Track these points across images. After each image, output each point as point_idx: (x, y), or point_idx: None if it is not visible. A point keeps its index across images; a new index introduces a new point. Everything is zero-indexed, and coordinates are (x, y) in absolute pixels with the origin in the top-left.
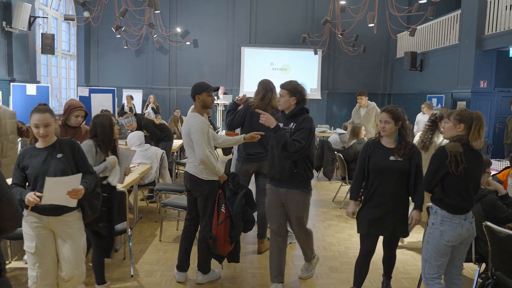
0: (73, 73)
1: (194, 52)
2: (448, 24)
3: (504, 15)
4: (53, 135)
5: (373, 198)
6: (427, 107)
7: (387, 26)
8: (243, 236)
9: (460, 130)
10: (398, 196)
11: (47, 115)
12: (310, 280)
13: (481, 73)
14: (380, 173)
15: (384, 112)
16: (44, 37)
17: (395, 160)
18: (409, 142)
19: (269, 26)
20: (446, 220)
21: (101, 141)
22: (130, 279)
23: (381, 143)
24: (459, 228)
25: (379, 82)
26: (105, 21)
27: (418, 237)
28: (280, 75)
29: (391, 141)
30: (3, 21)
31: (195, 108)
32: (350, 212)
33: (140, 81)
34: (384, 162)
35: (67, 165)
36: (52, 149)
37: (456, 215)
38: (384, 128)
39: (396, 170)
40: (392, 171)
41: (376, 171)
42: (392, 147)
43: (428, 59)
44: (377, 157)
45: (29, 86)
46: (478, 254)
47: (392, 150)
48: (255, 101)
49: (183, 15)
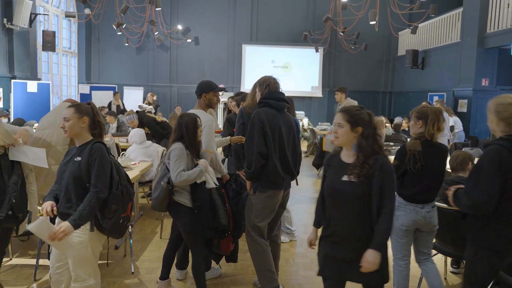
0: (74, 71)
1: (195, 50)
2: (450, 22)
3: (506, 13)
4: (80, 133)
5: (329, 229)
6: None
7: (389, 24)
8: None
9: (420, 127)
10: (361, 231)
11: (69, 110)
12: (310, 278)
13: (483, 71)
14: (333, 198)
15: (339, 112)
16: (45, 34)
17: (348, 181)
18: (370, 156)
19: (270, 24)
20: (401, 206)
21: (188, 143)
22: (131, 276)
23: (340, 157)
24: (413, 214)
25: (380, 80)
26: (106, 18)
27: None
28: (281, 73)
29: (351, 153)
30: (4, 18)
31: (199, 105)
32: (309, 241)
33: (141, 78)
34: (335, 184)
35: (80, 171)
36: (78, 150)
37: (411, 203)
38: (336, 133)
39: (349, 195)
40: (345, 197)
41: (328, 195)
42: (350, 163)
43: (430, 57)
44: (330, 176)
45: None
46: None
47: (348, 167)
48: (247, 103)
49: (184, 12)
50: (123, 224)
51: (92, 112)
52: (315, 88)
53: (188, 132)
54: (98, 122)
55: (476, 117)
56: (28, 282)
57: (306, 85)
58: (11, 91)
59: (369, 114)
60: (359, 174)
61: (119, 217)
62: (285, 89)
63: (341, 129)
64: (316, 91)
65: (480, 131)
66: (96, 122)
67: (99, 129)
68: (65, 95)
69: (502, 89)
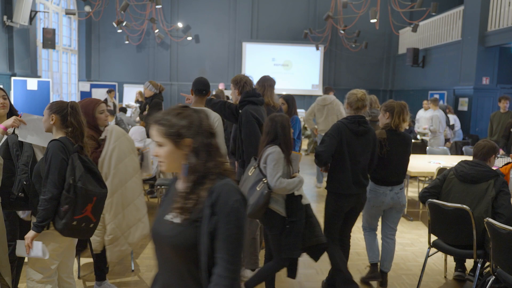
0: (74, 68)
1: (195, 47)
2: (450, 20)
3: (507, 11)
4: (50, 129)
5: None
6: (432, 104)
7: (390, 22)
8: None
9: (387, 118)
10: None
11: (47, 106)
12: (310, 276)
13: (484, 69)
14: (155, 245)
15: (152, 125)
16: (45, 32)
17: (169, 221)
18: (203, 183)
19: (271, 22)
20: (372, 190)
21: (284, 145)
22: (131, 273)
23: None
24: (382, 196)
25: (381, 79)
26: (106, 15)
27: (421, 233)
28: (281, 71)
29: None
30: (4, 15)
31: (198, 103)
32: None
33: (141, 76)
34: (157, 223)
35: (39, 167)
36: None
37: (381, 186)
38: (157, 156)
39: (167, 242)
40: (162, 245)
41: (152, 239)
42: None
43: (431, 56)
44: (158, 212)
45: (30, 80)
46: (481, 250)
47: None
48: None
49: (184, 10)
50: (79, 225)
51: (64, 111)
52: (315, 87)
53: (284, 133)
54: (70, 122)
55: (477, 116)
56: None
57: (307, 83)
58: (11, 89)
59: (200, 112)
60: (182, 210)
61: (71, 219)
62: (285, 87)
63: (162, 150)
64: (317, 89)
65: (480, 130)
66: (68, 121)
67: (71, 128)
68: (65, 93)
69: (502, 87)
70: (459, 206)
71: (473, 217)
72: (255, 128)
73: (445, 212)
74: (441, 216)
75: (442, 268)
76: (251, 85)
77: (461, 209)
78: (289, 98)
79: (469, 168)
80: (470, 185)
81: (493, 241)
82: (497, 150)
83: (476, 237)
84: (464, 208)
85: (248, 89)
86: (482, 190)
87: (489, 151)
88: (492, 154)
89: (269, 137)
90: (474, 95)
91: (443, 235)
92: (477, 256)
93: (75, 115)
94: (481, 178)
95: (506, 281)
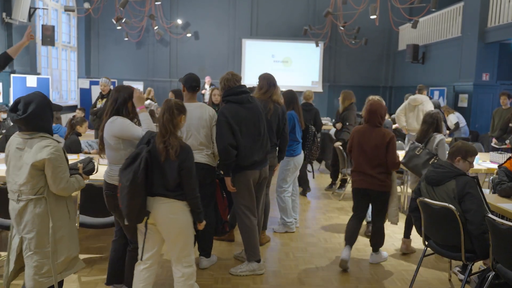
0: (74, 65)
1: (195, 44)
2: (450, 17)
3: (507, 7)
4: None
5: None
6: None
7: (389, 18)
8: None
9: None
10: None
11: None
12: (310, 272)
13: (484, 66)
14: None
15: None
16: (44, 29)
17: None
18: None
19: (270, 18)
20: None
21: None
22: None
23: None
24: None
25: (380, 75)
26: (106, 12)
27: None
28: (281, 67)
29: None
30: (3, 12)
31: (192, 99)
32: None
33: (141, 73)
34: None
35: None
36: None
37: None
38: None
39: None
40: None
41: None
42: None
43: (430, 52)
44: None
45: (30, 77)
46: (469, 253)
47: None
48: (257, 95)
49: (184, 6)
50: None
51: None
52: (315, 83)
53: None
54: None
55: (477, 112)
56: None
57: (306, 80)
58: (10, 86)
59: None
60: None
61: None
62: (285, 83)
63: None
64: (316, 86)
65: (480, 126)
66: None
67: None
68: (64, 90)
69: (502, 83)
70: (445, 205)
71: (459, 217)
72: (222, 128)
73: (433, 211)
74: (430, 215)
75: (443, 263)
76: (234, 81)
77: (446, 208)
78: (291, 94)
79: (431, 171)
80: (436, 188)
81: (493, 236)
82: (469, 154)
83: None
84: (449, 207)
85: (231, 85)
86: (449, 191)
87: (454, 152)
88: (458, 155)
89: (432, 128)
90: (474, 92)
91: (433, 236)
92: (465, 259)
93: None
94: (441, 180)
95: (506, 276)
